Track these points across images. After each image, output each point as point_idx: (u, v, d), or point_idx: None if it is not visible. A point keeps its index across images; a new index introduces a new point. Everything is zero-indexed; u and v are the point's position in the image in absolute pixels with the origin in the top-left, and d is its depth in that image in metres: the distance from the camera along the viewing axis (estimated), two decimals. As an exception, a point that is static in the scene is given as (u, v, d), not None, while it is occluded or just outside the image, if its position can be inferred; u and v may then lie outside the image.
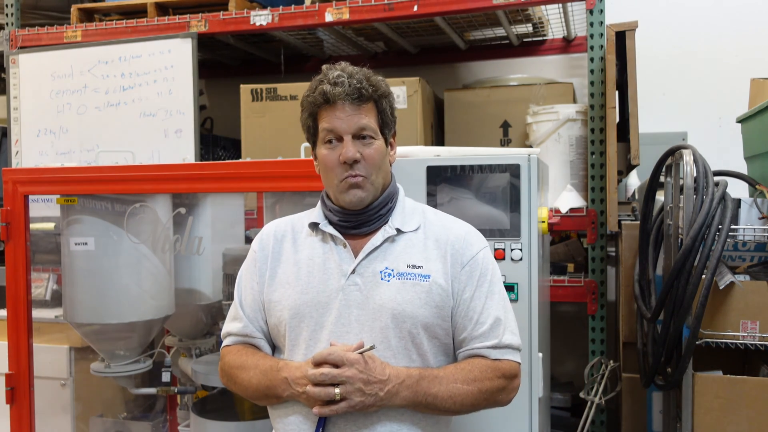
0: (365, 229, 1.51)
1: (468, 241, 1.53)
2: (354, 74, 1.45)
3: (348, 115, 1.44)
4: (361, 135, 1.45)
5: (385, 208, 1.52)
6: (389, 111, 1.51)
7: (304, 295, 1.48)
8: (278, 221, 1.64)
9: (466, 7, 2.76)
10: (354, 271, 1.48)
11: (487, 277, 1.51)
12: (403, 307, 1.44)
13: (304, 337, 1.47)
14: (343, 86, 1.43)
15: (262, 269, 1.57)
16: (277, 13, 2.97)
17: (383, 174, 1.50)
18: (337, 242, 1.51)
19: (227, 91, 3.59)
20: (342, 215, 1.51)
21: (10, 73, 3.29)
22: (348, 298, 1.46)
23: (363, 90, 1.44)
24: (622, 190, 3.04)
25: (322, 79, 1.46)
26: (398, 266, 1.48)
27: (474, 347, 1.48)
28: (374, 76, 1.49)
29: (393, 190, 1.55)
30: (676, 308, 2.01)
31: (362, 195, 1.46)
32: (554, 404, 3.10)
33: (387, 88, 1.51)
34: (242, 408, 2.38)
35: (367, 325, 1.44)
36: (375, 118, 1.48)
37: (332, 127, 1.45)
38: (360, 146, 1.45)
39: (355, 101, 1.44)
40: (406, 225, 1.52)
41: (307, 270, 1.51)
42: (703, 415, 2.07)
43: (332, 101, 1.43)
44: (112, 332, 2.38)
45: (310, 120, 1.49)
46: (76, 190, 2.32)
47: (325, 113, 1.45)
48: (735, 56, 3.38)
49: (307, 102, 1.48)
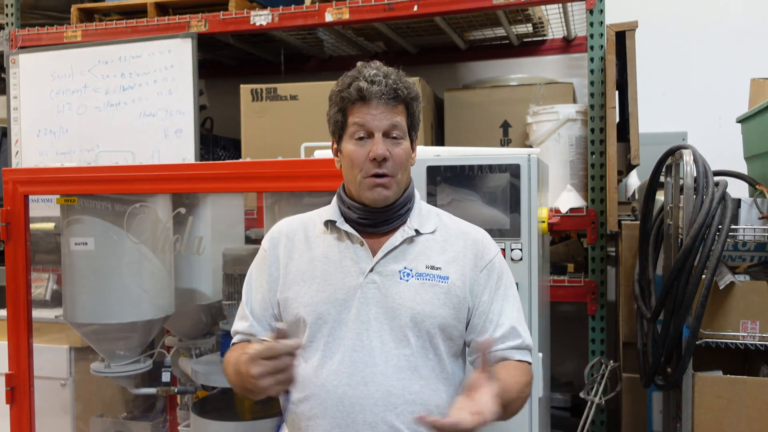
0: (384, 228, 1.51)
1: (486, 245, 1.55)
2: (390, 74, 1.46)
3: (382, 112, 1.44)
4: (391, 134, 1.46)
5: (404, 209, 1.52)
6: (417, 114, 1.53)
7: (321, 293, 1.48)
8: (288, 219, 1.63)
9: (466, 7, 2.76)
10: (372, 269, 1.47)
11: (503, 280, 1.53)
12: (422, 307, 1.45)
13: (323, 333, 1.46)
14: (380, 85, 1.43)
15: (272, 268, 1.56)
16: (277, 13, 2.97)
17: (407, 174, 1.52)
18: (354, 240, 1.51)
19: (227, 91, 3.59)
20: (363, 212, 1.50)
21: (10, 73, 3.29)
22: (366, 295, 1.46)
23: (399, 91, 1.45)
24: (622, 190, 3.04)
25: (357, 76, 1.46)
26: (417, 267, 1.48)
27: (498, 349, 1.50)
28: (406, 78, 1.50)
29: (411, 191, 1.56)
30: (676, 308, 2.01)
31: (387, 194, 1.47)
32: (554, 404, 3.10)
33: (418, 91, 1.52)
34: (242, 408, 2.38)
35: (387, 323, 1.44)
36: (405, 119, 1.49)
37: (364, 122, 1.45)
38: (389, 145, 1.46)
39: (390, 101, 1.45)
40: (423, 227, 1.53)
41: (323, 267, 1.50)
42: (703, 415, 2.07)
43: (368, 99, 1.44)
44: (112, 332, 2.38)
45: (339, 115, 1.49)
46: (76, 190, 2.32)
47: (357, 109, 1.45)
48: (735, 56, 3.38)
49: (339, 97, 1.48)
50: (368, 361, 1.42)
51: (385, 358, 1.43)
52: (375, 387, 1.42)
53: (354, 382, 1.42)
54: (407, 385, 1.43)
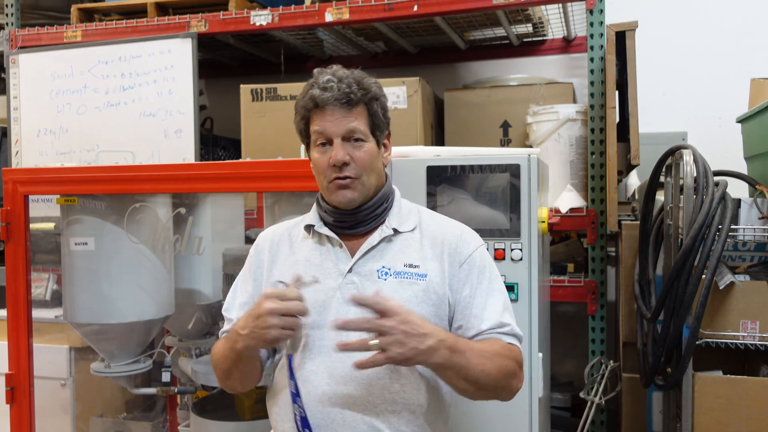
0: (361, 229, 1.53)
1: (464, 240, 1.54)
2: (344, 78, 1.46)
3: (337, 119, 1.46)
4: (351, 137, 1.47)
5: (380, 208, 1.53)
6: (381, 113, 1.52)
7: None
8: (275, 227, 1.67)
9: (466, 7, 2.76)
10: (351, 269, 1.49)
11: (485, 274, 1.52)
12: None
13: (304, 334, 1.48)
14: (332, 91, 1.44)
15: (257, 273, 1.59)
16: (277, 13, 2.97)
17: (375, 175, 1.51)
18: (333, 243, 1.53)
19: (227, 91, 3.59)
20: (336, 215, 1.52)
21: (10, 73, 3.28)
22: (345, 296, 1.47)
23: (352, 94, 1.45)
24: (622, 190, 3.04)
25: (313, 84, 1.48)
26: (395, 265, 1.49)
27: (485, 332, 1.48)
28: (366, 79, 1.49)
29: (388, 190, 1.56)
30: (676, 308, 2.01)
31: (351, 196, 1.48)
32: (554, 404, 3.10)
33: (379, 90, 1.52)
34: (242, 408, 2.38)
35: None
36: (365, 121, 1.49)
37: (322, 130, 1.47)
38: (350, 148, 1.47)
39: (344, 105, 1.45)
40: (402, 225, 1.54)
41: (305, 271, 1.52)
42: (703, 415, 2.07)
43: (322, 106, 1.45)
44: (112, 332, 2.38)
45: (302, 123, 1.52)
46: (76, 190, 2.32)
47: (316, 117, 1.47)
48: (735, 56, 3.38)
49: (299, 106, 1.51)
50: (348, 360, 1.42)
51: (365, 357, 1.42)
52: (354, 386, 1.43)
53: (334, 382, 1.44)
54: (387, 385, 1.44)
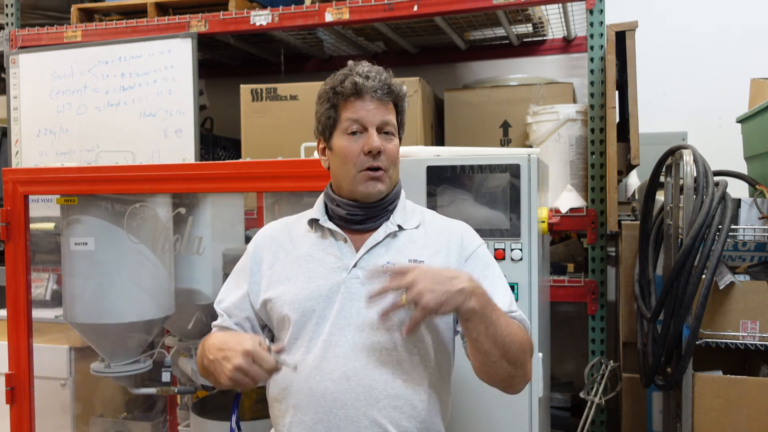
0: (369, 225, 1.53)
1: (469, 237, 1.56)
2: (381, 72, 1.49)
3: (375, 108, 1.47)
4: (383, 129, 1.48)
5: (392, 205, 1.55)
6: (404, 114, 1.55)
7: (305, 290, 1.49)
8: (273, 223, 1.66)
9: (466, 7, 2.76)
10: (356, 264, 1.49)
11: (490, 269, 1.53)
12: None
13: (307, 329, 1.47)
14: (374, 80, 1.46)
15: (254, 269, 1.58)
16: (277, 13, 2.97)
17: (396, 171, 1.54)
18: (338, 237, 1.53)
19: (227, 91, 3.59)
20: (353, 208, 1.51)
21: (10, 73, 3.29)
22: (350, 291, 1.47)
23: (392, 87, 1.48)
24: (622, 190, 3.04)
25: (350, 73, 1.48)
26: (400, 261, 1.49)
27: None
28: (394, 79, 1.52)
29: (398, 188, 1.58)
30: (676, 308, 2.01)
31: (381, 188, 1.49)
32: (554, 404, 3.10)
33: (405, 91, 1.55)
34: (242, 408, 2.38)
35: (369, 318, 1.44)
36: (395, 117, 1.52)
37: (358, 117, 1.47)
38: (382, 140, 1.47)
39: (384, 96, 1.47)
40: (407, 223, 1.54)
41: (307, 266, 1.51)
42: (703, 415, 2.07)
43: (362, 93, 1.46)
44: (112, 332, 2.37)
45: (331, 111, 1.50)
46: (76, 190, 2.32)
47: (350, 105, 1.47)
48: (735, 56, 3.38)
49: (333, 92, 1.49)
50: (350, 356, 1.42)
51: (368, 353, 1.43)
52: (357, 382, 1.43)
53: (336, 378, 1.43)
54: (390, 380, 1.44)
